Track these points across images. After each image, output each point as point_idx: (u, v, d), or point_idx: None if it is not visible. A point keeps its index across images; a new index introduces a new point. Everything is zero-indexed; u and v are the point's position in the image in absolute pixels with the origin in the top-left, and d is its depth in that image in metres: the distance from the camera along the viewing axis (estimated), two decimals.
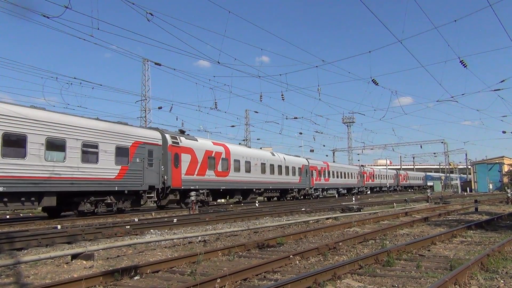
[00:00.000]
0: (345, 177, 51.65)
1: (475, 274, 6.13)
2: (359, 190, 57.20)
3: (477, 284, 5.75)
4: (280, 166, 35.12)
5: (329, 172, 46.47)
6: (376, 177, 64.71)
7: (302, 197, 39.62)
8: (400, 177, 76.54)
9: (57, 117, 17.12)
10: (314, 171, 41.93)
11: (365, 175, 59.88)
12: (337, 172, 49.40)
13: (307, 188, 40.29)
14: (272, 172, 33.70)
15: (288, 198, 37.51)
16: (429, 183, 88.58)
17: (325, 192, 45.27)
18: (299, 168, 38.60)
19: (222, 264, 7.62)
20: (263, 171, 32.43)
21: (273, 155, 35.42)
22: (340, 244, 9.33)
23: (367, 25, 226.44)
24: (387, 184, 68.44)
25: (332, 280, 5.98)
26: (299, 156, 42.50)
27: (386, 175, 68.65)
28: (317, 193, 42.72)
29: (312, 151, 62.11)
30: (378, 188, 65.81)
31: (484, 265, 6.73)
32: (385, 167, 72.31)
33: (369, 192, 60.10)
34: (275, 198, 37.93)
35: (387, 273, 6.55)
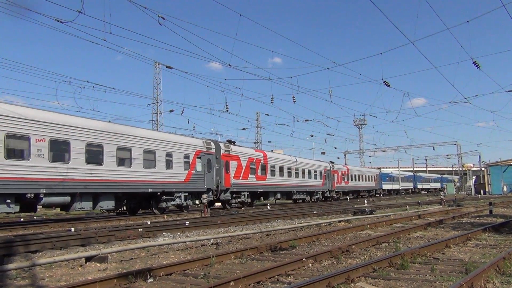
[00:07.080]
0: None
1: (491, 277, 6.03)
2: (229, 199, 27.56)
3: None
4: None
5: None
6: (280, 171, 34.21)
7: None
8: (336, 175, 46.00)
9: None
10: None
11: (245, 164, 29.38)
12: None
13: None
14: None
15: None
16: (387, 186, 64.38)
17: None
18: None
19: (235, 267, 7.63)
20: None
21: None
22: (353, 247, 9.27)
23: (378, 26, 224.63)
24: (311, 186, 39.55)
25: (346, 283, 5.94)
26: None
27: (308, 171, 39.19)
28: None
29: (323, 153, 61.83)
30: (289, 194, 36.81)
31: (500, 268, 6.63)
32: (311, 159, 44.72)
33: (245, 207, 29.17)
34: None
35: (401, 277, 6.49)
